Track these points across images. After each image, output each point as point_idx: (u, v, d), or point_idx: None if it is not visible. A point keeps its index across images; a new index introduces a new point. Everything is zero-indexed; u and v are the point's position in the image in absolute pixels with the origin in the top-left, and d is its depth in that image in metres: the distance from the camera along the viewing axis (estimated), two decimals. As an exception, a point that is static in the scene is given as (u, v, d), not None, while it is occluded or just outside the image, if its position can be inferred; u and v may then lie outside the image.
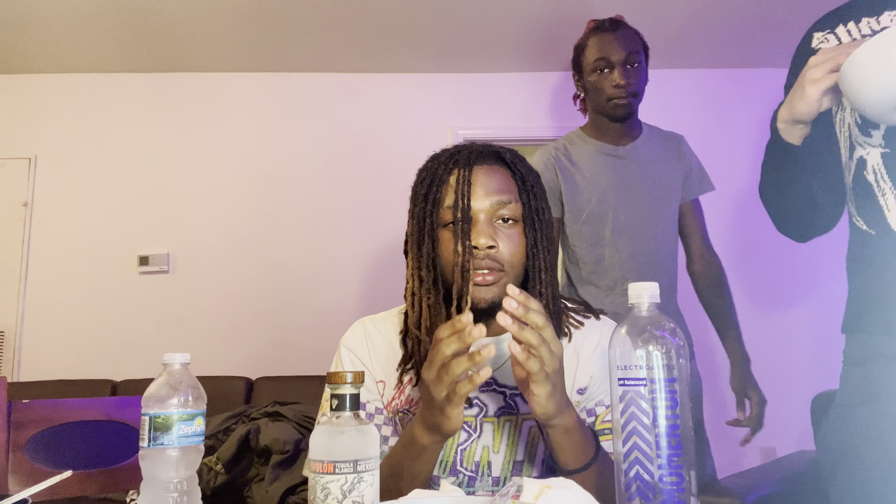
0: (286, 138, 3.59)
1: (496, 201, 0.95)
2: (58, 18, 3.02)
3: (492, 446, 0.96)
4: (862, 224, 0.96)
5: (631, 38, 1.79)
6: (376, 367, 1.02)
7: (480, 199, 0.95)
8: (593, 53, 1.80)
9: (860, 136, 0.95)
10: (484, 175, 0.97)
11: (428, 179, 1.00)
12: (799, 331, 3.36)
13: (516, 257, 0.95)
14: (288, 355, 3.33)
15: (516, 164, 1.00)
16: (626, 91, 1.75)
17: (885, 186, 0.91)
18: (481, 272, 0.92)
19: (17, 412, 1.45)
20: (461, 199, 0.94)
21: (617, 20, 1.82)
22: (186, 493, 0.69)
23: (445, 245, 0.95)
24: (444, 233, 0.96)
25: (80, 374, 3.24)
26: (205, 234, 3.48)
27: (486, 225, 0.94)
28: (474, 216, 0.94)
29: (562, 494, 0.60)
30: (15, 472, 1.41)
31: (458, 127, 3.60)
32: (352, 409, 0.66)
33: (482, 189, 0.95)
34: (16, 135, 3.53)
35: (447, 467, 0.96)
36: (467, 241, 0.93)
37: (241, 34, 3.22)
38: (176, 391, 0.70)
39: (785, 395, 3.29)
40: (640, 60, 1.79)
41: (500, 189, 0.96)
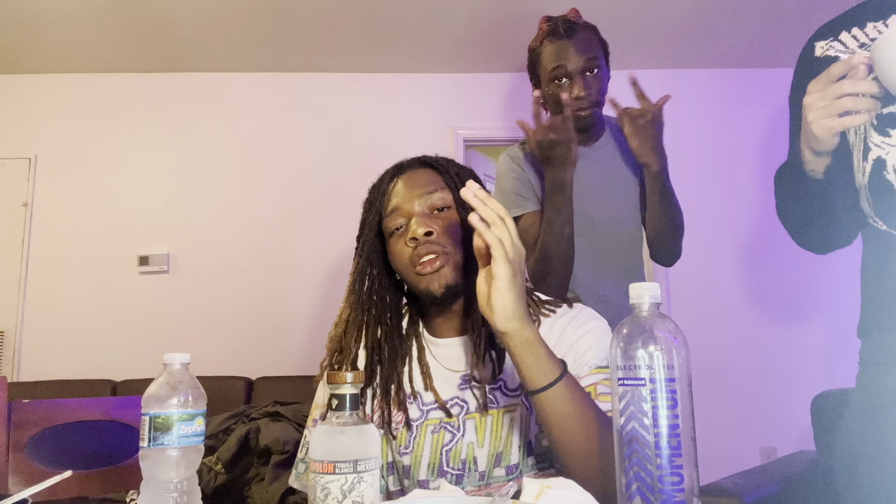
0: (286, 138, 3.59)
1: (423, 192, 1.00)
2: (58, 18, 3.02)
3: (476, 442, 0.97)
4: (882, 225, 0.94)
5: (588, 41, 1.68)
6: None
7: (409, 198, 1.01)
8: (549, 62, 1.69)
9: (877, 136, 0.93)
10: (409, 177, 1.03)
11: (370, 197, 1.08)
12: (800, 333, 3.36)
13: (455, 238, 0.98)
14: (288, 355, 3.33)
15: (437, 162, 1.06)
16: (587, 102, 1.66)
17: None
18: (426, 259, 0.96)
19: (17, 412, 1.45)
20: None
21: (572, 21, 1.69)
22: (186, 493, 0.69)
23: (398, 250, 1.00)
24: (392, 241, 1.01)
25: (80, 374, 3.24)
26: (205, 234, 3.48)
27: (420, 216, 0.98)
28: (408, 214, 1.00)
29: (562, 494, 0.61)
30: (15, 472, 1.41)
31: (458, 127, 3.60)
32: (352, 409, 0.66)
33: (409, 189, 1.01)
34: (16, 135, 3.53)
35: (434, 469, 0.97)
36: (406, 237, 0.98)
37: (241, 34, 3.22)
38: (176, 391, 0.70)
39: (785, 396, 3.29)
40: (600, 64, 1.69)
41: (425, 182, 1.02)
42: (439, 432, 0.98)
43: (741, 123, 3.63)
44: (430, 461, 0.98)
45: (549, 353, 0.82)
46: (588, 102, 1.67)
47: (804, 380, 3.20)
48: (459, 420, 0.98)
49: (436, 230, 0.97)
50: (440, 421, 0.98)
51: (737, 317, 3.40)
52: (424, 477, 0.98)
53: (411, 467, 0.99)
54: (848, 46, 0.99)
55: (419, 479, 0.98)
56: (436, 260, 0.95)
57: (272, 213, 3.52)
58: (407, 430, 0.99)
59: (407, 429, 0.99)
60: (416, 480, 0.98)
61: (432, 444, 0.98)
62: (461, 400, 0.99)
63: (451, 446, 0.98)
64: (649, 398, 0.62)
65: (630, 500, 0.62)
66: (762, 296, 3.42)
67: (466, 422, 0.98)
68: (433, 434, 0.98)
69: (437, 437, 0.98)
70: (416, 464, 0.98)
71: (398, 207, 1.01)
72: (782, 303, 3.41)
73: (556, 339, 0.98)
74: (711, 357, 3.28)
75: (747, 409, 3.28)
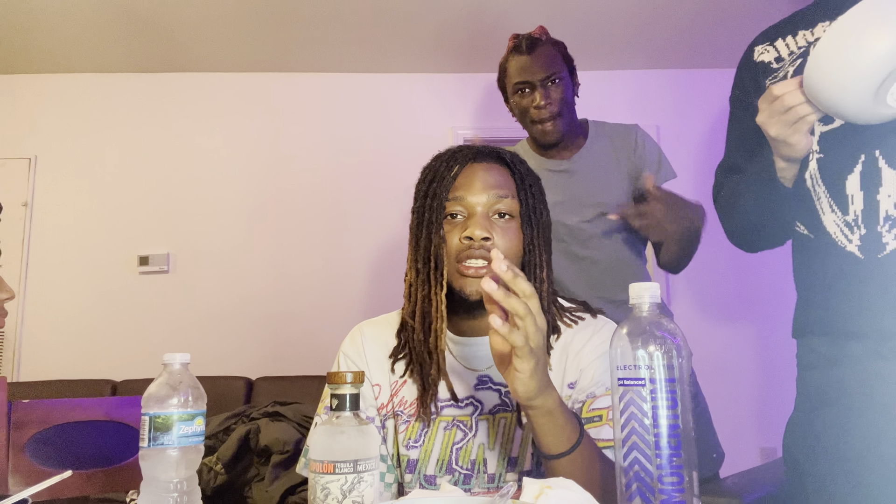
0: (286, 138, 3.59)
1: (493, 195, 0.97)
2: (58, 18, 3.02)
3: (487, 444, 0.97)
4: (803, 229, 0.98)
5: (549, 56, 1.75)
6: (373, 372, 1.04)
7: (478, 193, 0.98)
8: (513, 77, 1.77)
9: None
10: (483, 171, 1.00)
11: (430, 176, 1.03)
12: (799, 331, 3.36)
13: (511, 251, 0.97)
14: (288, 355, 3.33)
15: (516, 164, 1.02)
16: (547, 112, 1.72)
17: (819, 191, 0.93)
18: (475, 263, 0.94)
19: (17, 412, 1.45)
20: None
21: (535, 38, 1.77)
22: (186, 493, 0.69)
23: (448, 238, 0.98)
24: (444, 226, 0.99)
25: (80, 374, 3.24)
26: (205, 234, 3.48)
27: (482, 217, 0.96)
28: (471, 209, 0.97)
29: (562, 494, 0.61)
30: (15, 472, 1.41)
31: (458, 127, 3.60)
32: (352, 409, 0.66)
33: (480, 183, 0.98)
34: (16, 135, 3.53)
35: (443, 466, 0.97)
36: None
37: (241, 34, 3.22)
38: (176, 391, 0.70)
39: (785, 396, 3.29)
40: (562, 76, 1.75)
41: (498, 184, 0.99)
42: (451, 430, 0.98)
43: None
44: (439, 457, 0.98)
45: (568, 418, 0.81)
46: (548, 112, 1.73)
47: (804, 380, 3.20)
48: (472, 419, 0.98)
49: (494, 238, 0.96)
50: (453, 419, 0.98)
51: (737, 317, 3.40)
52: (432, 472, 0.98)
53: (419, 461, 0.98)
54: (780, 52, 1.02)
55: (426, 473, 0.98)
56: (483, 267, 0.94)
57: (272, 212, 3.52)
58: (419, 423, 0.99)
59: (419, 422, 0.99)
60: (422, 475, 0.98)
61: (443, 440, 0.98)
62: (476, 400, 0.99)
63: (462, 445, 0.97)
64: (649, 398, 0.62)
65: (630, 500, 0.62)
66: (762, 295, 3.42)
67: (479, 422, 0.98)
68: (445, 431, 0.98)
69: (449, 435, 0.98)
70: (425, 458, 0.98)
71: (462, 198, 0.98)
72: (782, 302, 3.41)
73: (575, 354, 0.98)
74: (711, 357, 3.28)
75: (747, 409, 3.28)
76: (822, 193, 0.93)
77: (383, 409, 1.02)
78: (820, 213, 0.93)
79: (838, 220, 0.90)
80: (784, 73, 1.00)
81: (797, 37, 1.00)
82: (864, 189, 0.87)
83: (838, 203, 0.90)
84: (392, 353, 1.04)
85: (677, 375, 0.63)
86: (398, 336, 1.05)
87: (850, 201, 0.89)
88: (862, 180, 0.88)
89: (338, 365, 1.07)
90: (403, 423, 1.00)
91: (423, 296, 0.99)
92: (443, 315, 0.98)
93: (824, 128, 0.93)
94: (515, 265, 0.98)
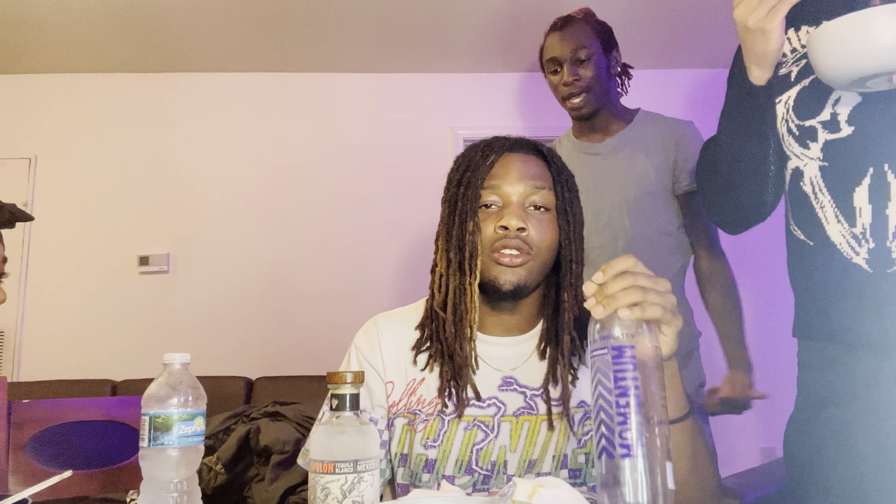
0: (286, 138, 3.59)
1: (530, 185, 0.96)
2: (58, 18, 3.02)
3: (509, 446, 0.95)
4: (800, 234, 0.97)
5: (580, 32, 1.74)
6: (387, 368, 1.02)
7: (514, 183, 0.96)
8: (546, 55, 1.79)
9: (796, 147, 0.95)
10: (519, 161, 0.99)
11: (463, 165, 1.01)
12: (799, 331, 3.36)
13: (545, 243, 0.96)
14: (288, 355, 3.33)
15: (553, 158, 1.01)
16: (575, 88, 1.72)
17: (823, 199, 0.92)
18: (509, 252, 0.93)
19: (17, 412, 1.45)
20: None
21: (570, 16, 1.78)
22: (186, 493, 0.69)
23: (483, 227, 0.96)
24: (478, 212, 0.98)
25: (80, 374, 3.23)
26: (205, 234, 3.48)
27: (517, 207, 0.95)
28: (507, 199, 0.96)
29: (554, 493, 0.61)
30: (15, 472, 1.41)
31: (458, 127, 3.60)
32: (352, 409, 0.66)
33: (517, 173, 0.97)
34: (16, 135, 3.53)
35: (462, 466, 0.95)
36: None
37: (241, 34, 3.22)
38: (176, 391, 0.70)
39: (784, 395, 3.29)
40: (593, 53, 1.73)
41: (535, 175, 0.98)
42: (472, 430, 0.96)
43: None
44: (458, 457, 0.95)
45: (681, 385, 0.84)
46: (577, 88, 1.73)
47: (804, 380, 3.20)
48: (495, 420, 0.96)
49: (529, 229, 0.94)
50: (475, 419, 0.96)
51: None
52: (451, 473, 0.95)
53: (437, 461, 0.96)
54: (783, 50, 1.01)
55: (445, 473, 0.95)
56: (518, 257, 0.93)
57: (272, 212, 3.52)
58: (438, 422, 0.97)
59: (438, 421, 0.97)
60: (440, 475, 0.95)
61: (463, 440, 0.96)
62: (499, 401, 0.97)
63: (483, 446, 0.95)
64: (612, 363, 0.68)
65: (599, 457, 0.68)
66: (761, 296, 3.41)
67: (502, 424, 0.96)
68: (465, 431, 0.96)
69: (470, 435, 0.96)
70: (444, 458, 0.95)
71: (498, 187, 0.97)
72: (782, 302, 3.41)
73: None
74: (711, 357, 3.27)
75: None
76: (826, 203, 0.91)
77: (394, 408, 1.00)
78: (823, 221, 0.92)
79: (844, 231, 0.89)
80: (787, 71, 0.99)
81: (800, 31, 0.99)
82: (873, 202, 0.86)
83: (845, 214, 0.89)
84: (415, 346, 1.01)
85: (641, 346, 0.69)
86: (421, 328, 1.02)
87: (858, 214, 0.88)
88: (870, 193, 0.87)
89: (348, 359, 1.05)
90: (422, 422, 0.97)
91: (454, 286, 0.97)
92: (476, 305, 0.96)
93: (830, 136, 0.91)
94: (550, 260, 0.98)
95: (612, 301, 0.71)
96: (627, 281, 0.72)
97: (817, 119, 0.92)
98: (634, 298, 0.71)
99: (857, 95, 0.88)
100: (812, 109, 0.92)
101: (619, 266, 0.74)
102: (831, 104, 0.90)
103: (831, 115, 0.91)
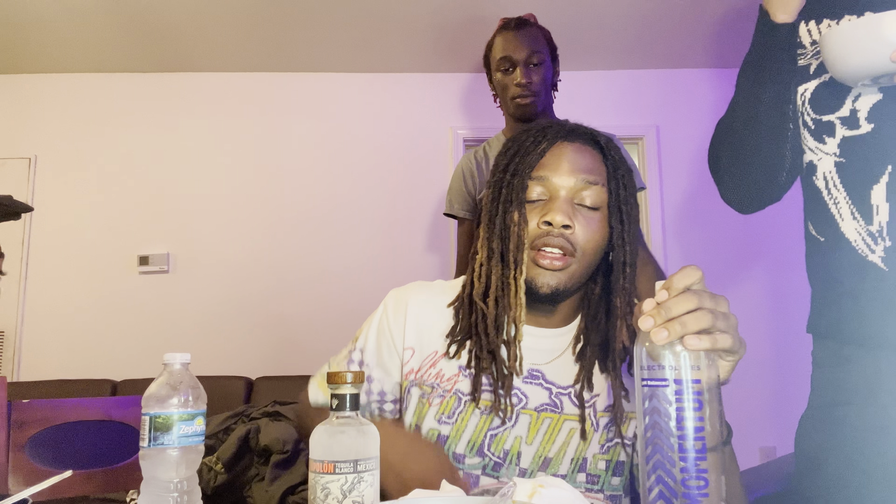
0: (286, 138, 3.59)
1: (581, 180, 0.90)
2: (57, 18, 3.02)
3: (525, 437, 0.91)
4: (812, 230, 0.95)
5: (534, 37, 1.81)
6: (408, 333, 0.98)
7: (564, 176, 0.90)
8: (498, 52, 1.83)
9: (811, 141, 0.94)
10: (573, 152, 0.92)
11: (513, 149, 0.94)
12: (800, 332, 3.36)
13: (591, 245, 0.90)
14: (288, 355, 3.33)
15: (610, 150, 0.94)
16: (528, 90, 1.78)
17: (837, 196, 0.90)
18: (551, 252, 0.88)
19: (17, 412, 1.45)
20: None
21: (523, 19, 1.83)
22: (186, 492, 0.69)
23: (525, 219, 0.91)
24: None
25: (80, 374, 3.24)
26: (205, 234, 3.48)
27: (564, 203, 0.89)
28: (554, 192, 0.90)
29: (554, 493, 0.60)
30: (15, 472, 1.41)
31: (458, 127, 3.60)
32: (352, 409, 0.66)
33: (568, 165, 0.90)
34: (16, 135, 3.53)
35: (474, 448, 0.92)
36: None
37: (241, 34, 3.22)
38: (176, 391, 0.70)
39: (784, 395, 3.29)
40: (544, 60, 1.81)
41: (587, 169, 0.91)
42: (489, 415, 0.92)
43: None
44: (471, 438, 0.92)
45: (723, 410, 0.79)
46: (529, 90, 1.79)
47: (804, 379, 3.19)
48: (514, 411, 0.92)
49: (575, 227, 0.88)
50: (492, 403, 0.92)
51: (736, 316, 3.39)
52: (462, 452, 0.92)
53: (449, 437, 0.92)
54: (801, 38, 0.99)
55: (455, 451, 0.92)
56: (559, 258, 0.88)
57: (272, 212, 3.52)
58: (455, 400, 0.93)
59: (455, 400, 0.93)
60: (451, 452, 0.92)
61: (478, 423, 0.92)
62: (521, 392, 0.93)
63: (498, 432, 0.92)
64: (673, 399, 0.60)
65: (653, 502, 0.60)
66: (762, 295, 3.42)
67: (521, 415, 0.92)
68: (482, 415, 0.92)
69: (486, 420, 0.92)
70: (456, 436, 0.92)
71: (546, 178, 0.90)
72: (782, 302, 3.41)
73: None
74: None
75: (747, 408, 3.28)
76: (841, 199, 0.90)
77: (412, 374, 0.96)
78: (837, 218, 0.90)
79: (860, 228, 0.88)
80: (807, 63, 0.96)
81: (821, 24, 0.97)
82: (890, 200, 0.85)
83: (861, 211, 0.88)
84: (449, 333, 0.96)
85: (704, 377, 0.61)
86: (456, 313, 0.97)
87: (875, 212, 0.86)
88: (888, 191, 0.86)
89: (372, 320, 1.02)
90: (438, 397, 0.93)
91: (497, 278, 0.91)
92: (522, 303, 0.90)
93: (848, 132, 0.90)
94: (594, 262, 0.92)
95: (679, 327, 0.61)
96: (693, 302, 0.63)
97: (836, 114, 0.90)
98: (703, 324, 0.62)
99: (878, 93, 0.87)
100: (831, 105, 0.91)
101: (683, 282, 0.65)
102: (851, 100, 0.89)
103: (851, 112, 0.89)
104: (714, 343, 0.62)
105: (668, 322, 0.61)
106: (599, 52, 3.42)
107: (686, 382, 0.60)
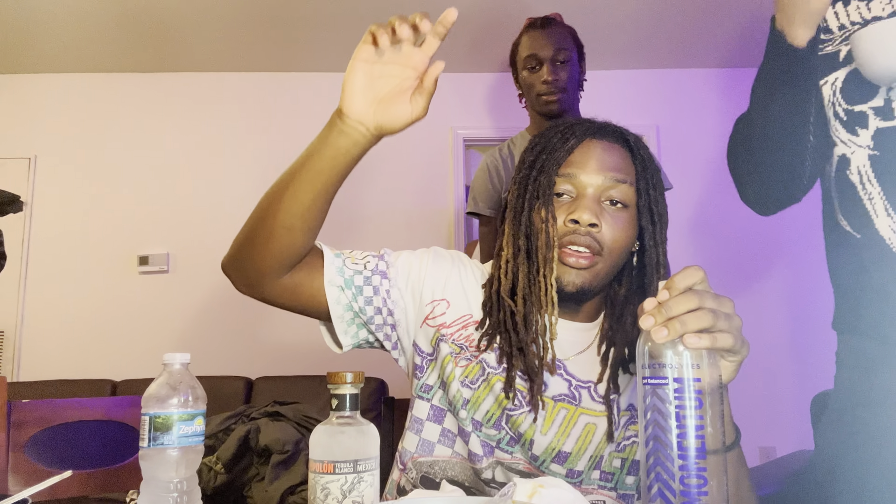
0: (286, 138, 3.59)
1: (609, 178, 0.89)
2: (58, 18, 3.02)
3: (540, 427, 0.90)
4: (846, 225, 0.91)
5: (561, 35, 1.83)
6: (450, 285, 0.97)
7: (592, 173, 0.89)
8: (524, 51, 1.85)
9: (844, 133, 0.90)
10: (601, 149, 0.90)
11: (540, 146, 0.93)
12: (800, 332, 3.36)
13: (618, 244, 0.89)
14: (288, 355, 3.33)
15: (639, 149, 0.93)
16: (554, 87, 1.80)
17: (872, 190, 0.87)
18: (577, 251, 0.87)
19: (17, 412, 1.45)
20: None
21: (550, 18, 1.86)
22: (186, 493, 0.69)
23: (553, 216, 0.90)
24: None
25: (80, 374, 3.24)
26: (205, 234, 3.48)
27: (591, 201, 0.88)
28: (581, 190, 0.89)
29: (554, 493, 0.60)
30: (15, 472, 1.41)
31: (457, 127, 3.60)
32: (352, 409, 0.66)
33: (596, 162, 0.89)
34: (16, 135, 3.53)
35: (492, 419, 0.91)
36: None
37: (241, 34, 3.22)
38: (176, 391, 0.70)
39: (784, 395, 3.29)
40: (571, 58, 1.83)
41: (616, 167, 0.89)
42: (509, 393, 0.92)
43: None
44: (489, 410, 0.91)
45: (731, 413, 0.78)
46: (556, 87, 1.80)
47: (804, 379, 3.20)
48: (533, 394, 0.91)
49: (602, 226, 0.87)
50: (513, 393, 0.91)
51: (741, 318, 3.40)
52: (480, 420, 0.91)
53: (469, 402, 0.92)
54: (828, 22, 0.95)
55: (475, 418, 0.91)
56: (584, 256, 0.87)
57: (272, 213, 3.52)
58: (479, 369, 0.92)
59: (479, 368, 0.92)
60: (470, 417, 0.91)
61: (497, 398, 0.91)
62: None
63: (514, 413, 0.90)
64: (674, 398, 0.59)
65: (652, 500, 0.60)
66: (762, 295, 3.41)
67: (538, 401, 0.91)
68: (502, 391, 0.91)
69: (503, 397, 0.91)
70: (475, 404, 0.91)
71: (574, 175, 0.89)
72: (783, 302, 3.41)
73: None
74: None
75: (747, 408, 3.27)
76: (875, 194, 0.86)
77: (444, 328, 0.95)
78: (872, 214, 0.86)
79: (895, 225, 0.85)
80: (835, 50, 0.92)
81: (849, 6, 0.92)
82: None
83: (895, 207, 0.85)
84: (479, 326, 0.94)
85: (705, 376, 0.61)
86: (483, 307, 0.95)
87: None
88: None
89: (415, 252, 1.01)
90: (465, 360, 0.93)
91: (524, 275, 0.90)
92: (554, 302, 0.89)
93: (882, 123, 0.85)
94: (620, 262, 0.91)
95: (679, 325, 0.61)
96: (694, 302, 0.62)
97: (869, 104, 0.87)
98: (704, 324, 0.62)
99: None
100: (863, 94, 0.87)
101: (685, 282, 0.65)
102: (885, 89, 0.85)
103: (885, 101, 0.85)
104: (714, 342, 0.62)
105: (668, 321, 0.61)
106: (600, 52, 3.42)
107: (687, 381, 0.60)
